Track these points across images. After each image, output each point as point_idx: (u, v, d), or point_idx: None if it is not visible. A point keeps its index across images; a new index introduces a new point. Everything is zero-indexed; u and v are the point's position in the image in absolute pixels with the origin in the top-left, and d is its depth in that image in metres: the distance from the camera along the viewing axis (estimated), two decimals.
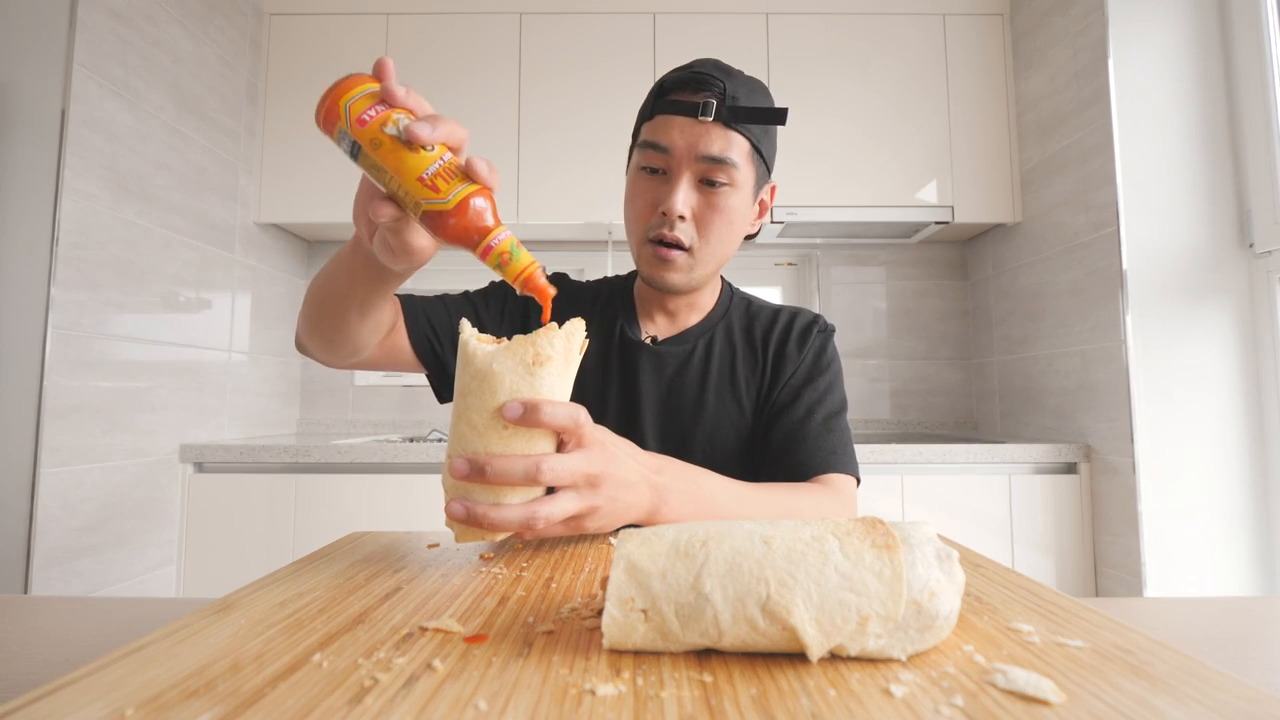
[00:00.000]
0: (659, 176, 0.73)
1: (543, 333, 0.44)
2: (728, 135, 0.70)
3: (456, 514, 0.43)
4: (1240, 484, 1.47)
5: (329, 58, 1.99)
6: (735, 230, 0.74)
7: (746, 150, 0.72)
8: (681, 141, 0.70)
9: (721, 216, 0.72)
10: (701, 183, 0.71)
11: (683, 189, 0.71)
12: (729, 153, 0.70)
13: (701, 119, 0.69)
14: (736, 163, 0.70)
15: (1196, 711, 0.23)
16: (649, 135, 0.73)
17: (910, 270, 2.26)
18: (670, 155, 0.71)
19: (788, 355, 0.80)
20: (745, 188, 0.73)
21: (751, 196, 0.75)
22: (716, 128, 0.70)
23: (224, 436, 1.81)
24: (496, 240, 0.45)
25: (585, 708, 0.24)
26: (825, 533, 0.31)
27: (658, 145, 0.71)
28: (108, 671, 0.28)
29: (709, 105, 0.69)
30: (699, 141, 0.70)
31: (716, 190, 0.71)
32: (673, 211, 0.70)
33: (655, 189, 0.73)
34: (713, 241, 0.73)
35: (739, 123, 0.70)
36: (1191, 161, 1.54)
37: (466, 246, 0.46)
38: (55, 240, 1.30)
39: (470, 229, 0.45)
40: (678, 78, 0.72)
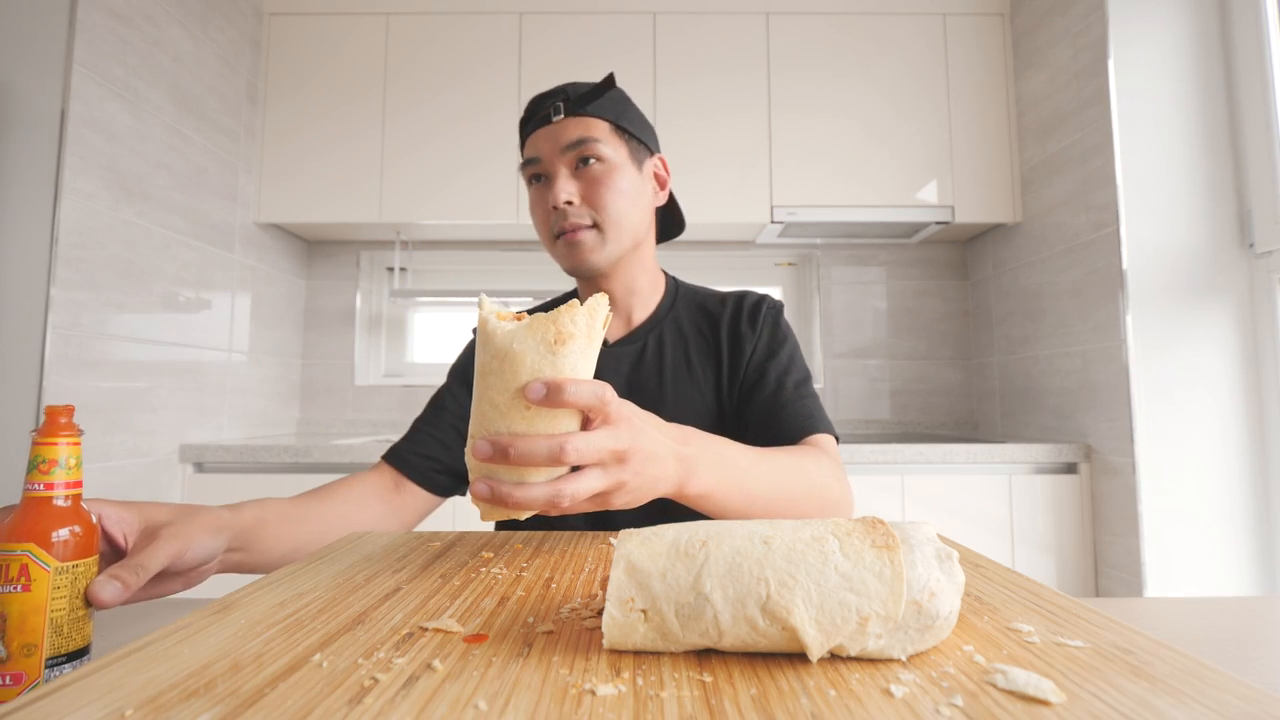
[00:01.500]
0: (544, 183, 0.81)
1: (564, 309, 0.43)
2: (581, 121, 0.78)
3: (481, 493, 0.43)
4: (1240, 484, 1.46)
5: (329, 58, 1.99)
6: (629, 200, 0.79)
7: (606, 128, 0.79)
8: (546, 145, 0.79)
9: (605, 187, 0.78)
10: (576, 170, 0.79)
11: (561, 180, 0.78)
12: (587, 133, 0.78)
13: (555, 119, 0.79)
14: (598, 138, 0.78)
15: (1196, 711, 0.23)
16: (524, 156, 0.83)
17: (910, 270, 2.26)
18: (542, 160, 0.80)
19: (742, 335, 0.84)
20: (619, 159, 0.80)
21: (633, 167, 0.81)
22: (569, 120, 0.78)
23: (224, 436, 1.81)
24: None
25: (585, 708, 0.24)
26: (825, 533, 0.31)
27: (531, 159, 0.80)
28: (108, 671, 0.28)
29: (557, 107, 0.79)
30: (558, 137, 0.78)
31: (590, 167, 0.78)
32: (558, 199, 0.76)
33: (543, 193, 0.80)
34: (610, 211, 0.78)
35: (584, 107, 0.79)
36: (1191, 161, 1.54)
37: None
38: (55, 240, 1.30)
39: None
40: (529, 108, 0.83)
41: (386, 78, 1.98)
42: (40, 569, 0.38)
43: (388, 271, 2.31)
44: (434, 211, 1.95)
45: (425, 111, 1.97)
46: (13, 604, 0.37)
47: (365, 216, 1.95)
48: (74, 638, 0.39)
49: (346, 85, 1.98)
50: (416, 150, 1.96)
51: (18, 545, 0.38)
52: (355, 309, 2.25)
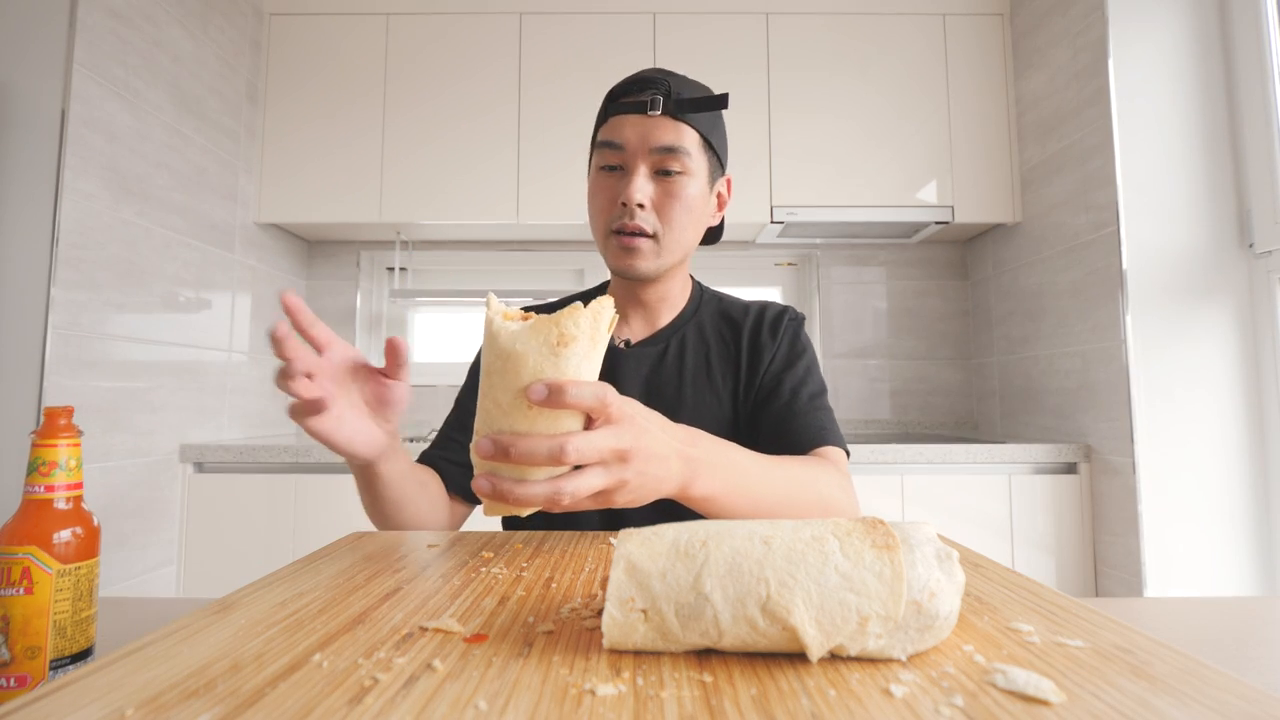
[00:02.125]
0: (617, 173, 0.77)
1: (567, 312, 0.43)
2: (677, 126, 0.75)
3: (483, 489, 0.43)
4: (1240, 484, 1.46)
5: (329, 58, 1.99)
6: (695, 217, 0.78)
7: (697, 140, 0.76)
8: (634, 136, 0.74)
9: (679, 203, 0.75)
10: (657, 174, 0.75)
11: (639, 179, 0.74)
12: (680, 142, 0.74)
13: (650, 114, 0.74)
14: (689, 150, 0.75)
15: (1196, 711, 0.23)
16: (604, 136, 0.77)
17: (910, 270, 2.26)
18: (625, 151, 0.75)
19: (762, 344, 0.83)
20: (700, 176, 0.77)
21: (707, 185, 0.79)
22: (665, 120, 0.74)
23: (224, 436, 1.81)
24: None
25: (585, 708, 0.24)
26: (825, 533, 0.31)
27: (612, 143, 0.75)
28: (108, 671, 0.28)
29: (656, 100, 0.74)
30: (650, 134, 0.74)
31: (672, 179, 0.75)
32: (631, 200, 0.73)
33: (614, 184, 0.76)
34: (675, 228, 0.76)
35: (685, 113, 0.75)
36: (1191, 161, 1.54)
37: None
38: (55, 240, 1.30)
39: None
40: (625, 84, 0.77)
41: (386, 78, 1.98)
42: (42, 571, 0.38)
43: (388, 271, 2.31)
44: (434, 211, 1.95)
45: (425, 111, 1.97)
46: (15, 607, 0.37)
47: (365, 216, 1.95)
48: (77, 639, 0.39)
49: (346, 85, 1.98)
50: (416, 150, 1.96)
51: (19, 548, 0.38)
52: (355, 309, 2.25)
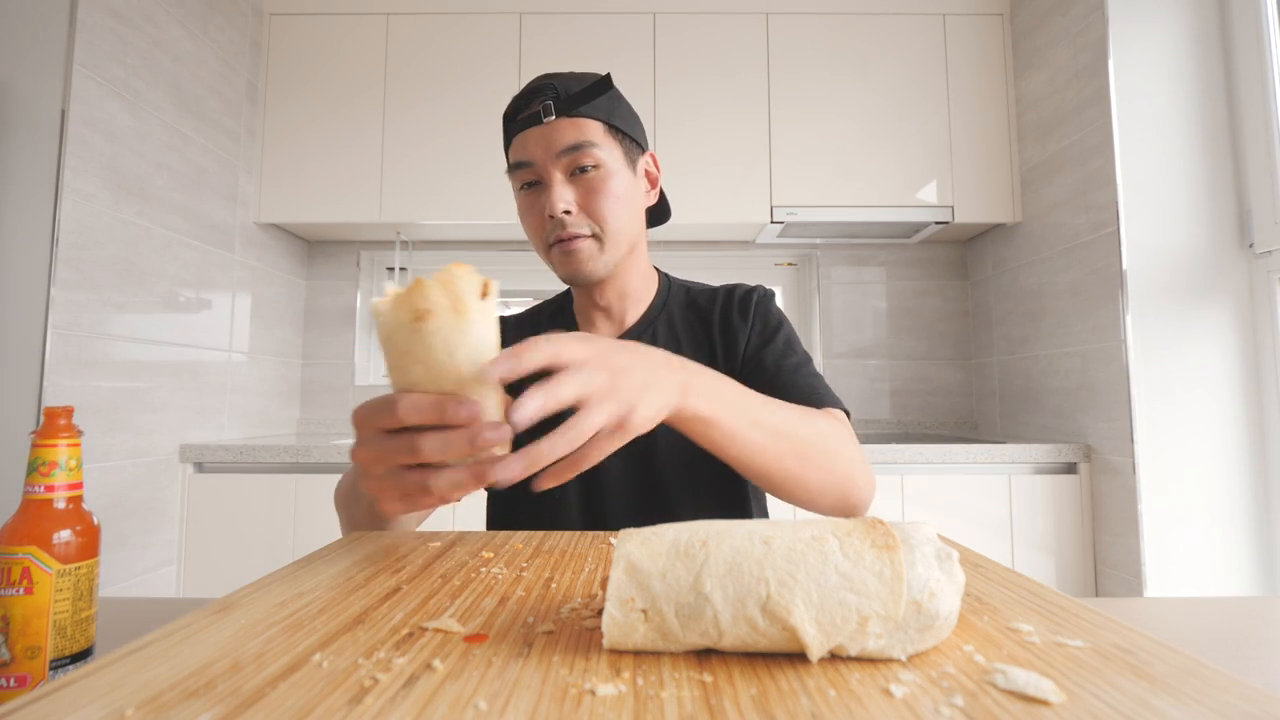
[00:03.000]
0: (536, 189, 0.76)
1: (414, 286, 0.40)
2: (575, 124, 0.74)
3: (514, 473, 0.40)
4: (1240, 484, 1.46)
5: (329, 58, 1.99)
6: (626, 204, 0.76)
7: (600, 130, 0.75)
8: (538, 148, 0.74)
9: (604, 196, 0.74)
10: (573, 175, 0.74)
11: (557, 187, 0.73)
12: (583, 137, 0.74)
13: (546, 121, 0.74)
14: (594, 142, 0.74)
15: (1196, 711, 0.23)
16: (513, 158, 0.77)
17: (910, 270, 2.26)
18: (535, 165, 0.75)
19: (734, 327, 0.82)
20: (614, 163, 0.76)
21: (628, 169, 0.77)
22: (562, 123, 0.74)
23: (224, 436, 1.81)
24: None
25: (585, 708, 0.24)
26: (825, 533, 0.31)
27: (522, 162, 0.75)
28: (108, 671, 0.28)
29: (548, 106, 0.74)
30: (552, 140, 0.73)
31: (588, 175, 0.74)
32: (555, 209, 0.73)
33: (536, 199, 0.76)
34: (608, 220, 0.74)
35: (578, 109, 0.74)
36: (1191, 161, 1.54)
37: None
38: (55, 240, 1.30)
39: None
40: (515, 102, 0.77)
41: (386, 78, 1.98)
42: (42, 571, 0.38)
43: (388, 271, 2.31)
44: (434, 211, 1.95)
45: (425, 111, 1.97)
46: (15, 607, 0.37)
47: (365, 216, 1.95)
48: (78, 639, 0.39)
49: (346, 85, 1.98)
50: (416, 150, 1.96)
51: (19, 548, 0.38)
52: (355, 309, 2.25)
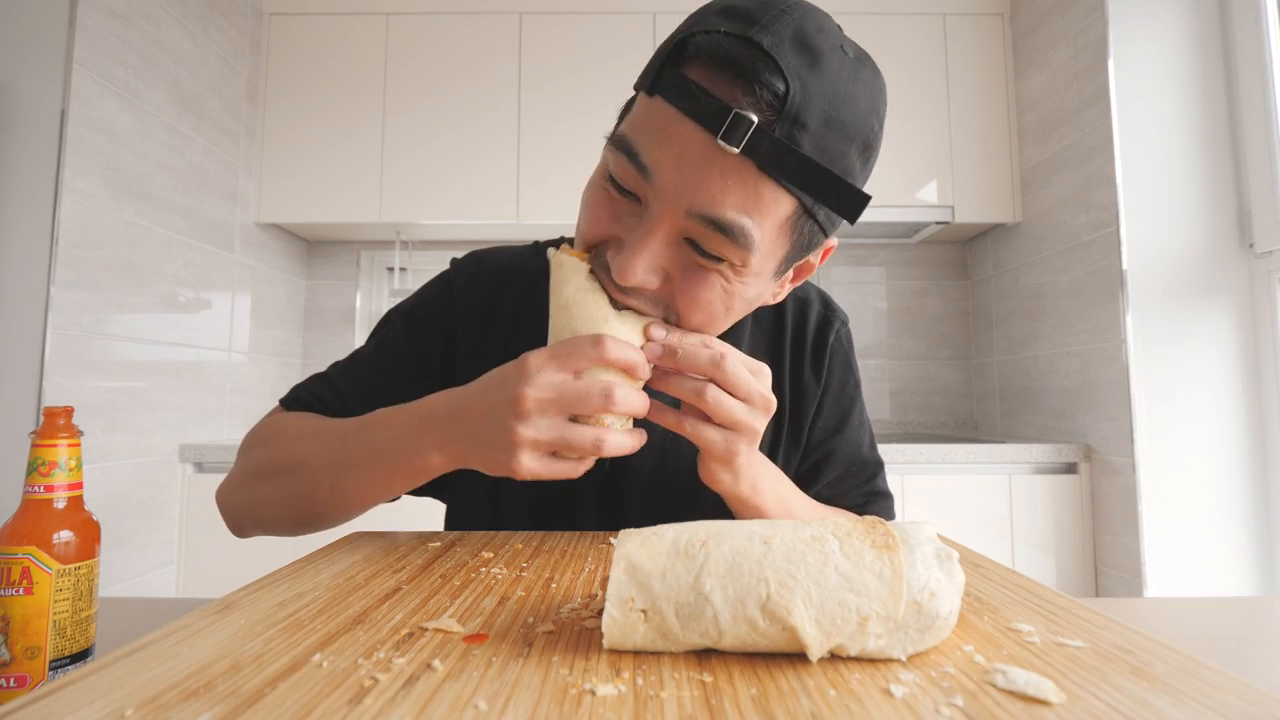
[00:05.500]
0: (627, 200, 0.46)
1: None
2: (759, 187, 0.41)
3: (639, 440, 0.45)
4: (1240, 484, 1.46)
5: (329, 58, 1.99)
6: (734, 314, 0.49)
7: (790, 211, 0.43)
8: (676, 171, 0.41)
9: (704, 309, 0.46)
10: (687, 241, 0.44)
11: (650, 249, 0.44)
12: (749, 218, 0.41)
13: (723, 144, 0.39)
14: (755, 241, 0.42)
15: (1196, 711, 0.23)
16: (632, 131, 0.44)
17: (910, 270, 2.26)
18: (652, 184, 0.43)
19: (805, 385, 0.64)
20: (763, 267, 0.45)
21: (774, 273, 0.48)
22: (744, 168, 0.40)
23: (224, 436, 1.81)
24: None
25: (585, 708, 0.24)
26: (825, 533, 0.31)
27: (639, 159, 0.43)
28: (108, 671, 0.28)
29: (742, 123, 0.39)
30: (704, 185, 0.41)
31: (707, 268, 0.44)
32: (623, 278, 0.44)
33: (618, 211, 0.46)
34: (697, 322, 0.48)
35: (780, 178, 0.41)
36: (1191, 161, 1.54)
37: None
38: (55, 240, 1.30)
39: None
40: (710, 43, 0.40)
41: (386, 78, 1.98)
42: (42, 571, 0.38)
43: (388, 271, 2.31)
44: (434, 211, 1.95)
45: (425, 111, 1.97)
46: (15, 607, 0.37)
47: (365, 216, 1.95)
48: (77, 639, 0.39)
49: (346, 85, 1.98)
50: (416, 150, 1.96)
51: (19, 548, 0.38)
52: (355, 309, 2.25)
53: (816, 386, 0.64)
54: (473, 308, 0.66)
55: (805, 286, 0.69)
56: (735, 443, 0.46)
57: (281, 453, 0.55)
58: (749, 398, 0.45)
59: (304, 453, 0.54)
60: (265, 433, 0.59)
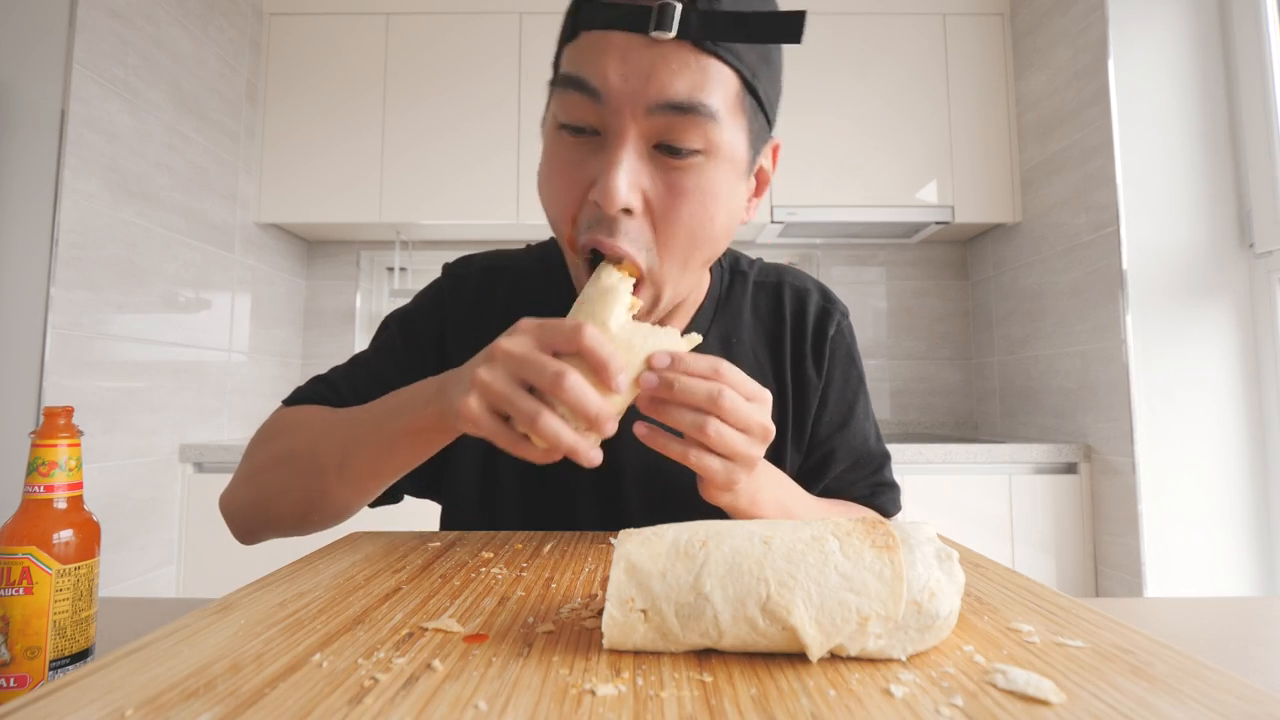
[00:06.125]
0: (587, 140, 0.47)
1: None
2: (702, 63, 0.44)
3: (597, 455, 0.41)
4: (1240, 484, 1.46)
5: (329, 58, 1.99)
6: (720, 222, 0.49)
7: (735, 88, 0.46)
8: (621, 77, 0.43)
9: (694, 204, 0.47)
10: (658, 150, 0.46)
11: (625, 162, 0.45)
12: (703, 94, 0.44)
13: (656, 35, 0.42)
14: (716, 111, 0.45)
15: (1196, 711, 0.23)
16: (571, 65, 0.46)
17: (910, 270, 2.26)
18: (604, 102, 0.44)
19: (806, 378, 0.64)
20: (733, 151, 0.47)
21: (745, 165, 0.49)
22: (682, 50, 0.43)
23: (224, 436, 1.81)
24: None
25: (585, 708, 0.24)
26: (825, 533, 0.31)
27: (582, 82, 0.45)
28: (108, 671, 0.28)
29: (668, 9, 0.42)
30: (652, 76, 0.43)
31: (684, 162, 0.46)
32: (610, 201, 0.44)
33: (582, 160, 0.47)
34: (681, 245, 0.48)
35: (722, 40, 0.43)
36: (1191, 161, 1.54)
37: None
38: (55, 240, 1.30)
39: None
40: None
41: (386, 77, 1.98)
42: (42, 571, 0.38)
43: (388, 271, 2.31)
44: (434, 211, 1.95)
45: (425, 111, 1.97)
46: (15, 607, 0.37)
47: (365, 216, 1.95)
48: (77, 639, 0.39)
49: (346, 85, 1.98)
50: (416, 150, 1.96)
51: (19, 548, 0.38)
52: (355, 309, 2.25)
53: (818, 380, 0.64)
54: (462, 309, 0.67)
55: (804, 278, 0.69)
56: (736, 472, 0.46)
57: (289, 442, 0.56)
58: (748, 429, 0.44)
59: (311, 436, 0.54)
60: (271, 429, 0.60)
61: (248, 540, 0.60)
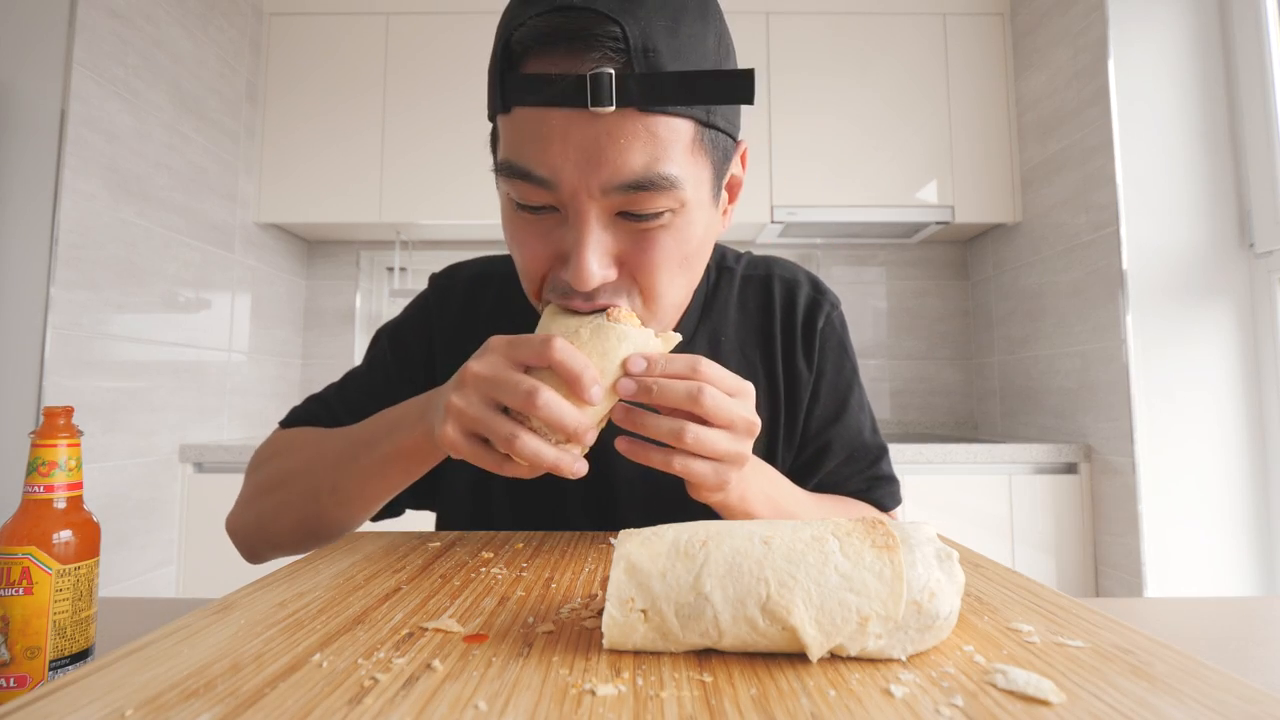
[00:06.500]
0: (548, 215, 0.45)
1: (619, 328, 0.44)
2: (652, 128, 0.41)
3: (581, 466, 0.42)
4: (1240, 484, 1.46)
5: (329, 58, 1.99)
6: (695, 260, 0.49)
7: (690, 135, 0.43)
8: (570, 164, 0.41)
9: (669, 254, 0.46)
10: (620, 216, 0.44)
11: (592, 241, 0.43)
12: (661, 164, 0.41)
13: (597, 110, 0.39)
14: (677, 177, 0.42)
15: (1196, 711, 0.23)
16: (513, 152, 0.43)
17: (910, 270, 2.26)
18: (556, 189, 0.42)
19: (797, 371, 0.63)
20: (700, 195, 0.46)
21: (712, 201, 0.48)
22: (628, 119, 0.40)
23: (224, 436, 1.81)
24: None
25: (585, 708, 0.24)
26: (825, 533, 0.31)
27: (530, 174, 0.42)
28: (108, 671, 0.28)
29: (602, 79, 0.38)
30: (602, 157, 0.41)
31: (652, 224, 0.44)
32: (585, 283, 0.43)
33: (546, 234, 0.46)
34: (664, 289, 0.47)
35: (666, 105, 0.40)
36: (1191, 161, 1.54)
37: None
38: (55, 240, 1.30)
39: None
40: (530, 31, 0.40)
41: (386, 78, 1.98)
42: (42, 572, 0.38)
43: (388, 271, 2.31)
44: (434, 211, 1.95)
45: (425, 111, 1.97)
46: (15, 607, 0.37)
47: (365, 216, 1.95)
48: (77, 639, 0.39)
49: (346, 85, 1.98)
50: (416, 150, 1.96)
51: (19, 548, 0.38)
52: (355, 309, 2.25)
53: (809, 372, 0.63)
54: (448, 319, 0.67)
55: (793, 269, 0.68)
56: (725, 473, 0.45)
57: (285, 464, 0.58)
58: (730, 425, 0.43)
59: (306, 459, 0.57)
60: (267, 451, 0.62)
61: (254, 560, 0.62)
